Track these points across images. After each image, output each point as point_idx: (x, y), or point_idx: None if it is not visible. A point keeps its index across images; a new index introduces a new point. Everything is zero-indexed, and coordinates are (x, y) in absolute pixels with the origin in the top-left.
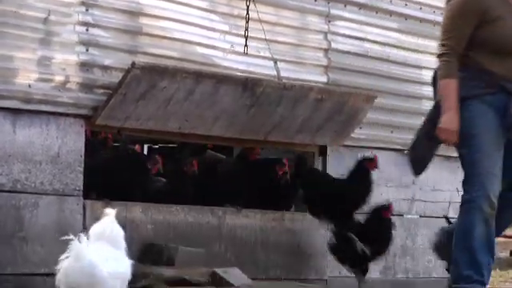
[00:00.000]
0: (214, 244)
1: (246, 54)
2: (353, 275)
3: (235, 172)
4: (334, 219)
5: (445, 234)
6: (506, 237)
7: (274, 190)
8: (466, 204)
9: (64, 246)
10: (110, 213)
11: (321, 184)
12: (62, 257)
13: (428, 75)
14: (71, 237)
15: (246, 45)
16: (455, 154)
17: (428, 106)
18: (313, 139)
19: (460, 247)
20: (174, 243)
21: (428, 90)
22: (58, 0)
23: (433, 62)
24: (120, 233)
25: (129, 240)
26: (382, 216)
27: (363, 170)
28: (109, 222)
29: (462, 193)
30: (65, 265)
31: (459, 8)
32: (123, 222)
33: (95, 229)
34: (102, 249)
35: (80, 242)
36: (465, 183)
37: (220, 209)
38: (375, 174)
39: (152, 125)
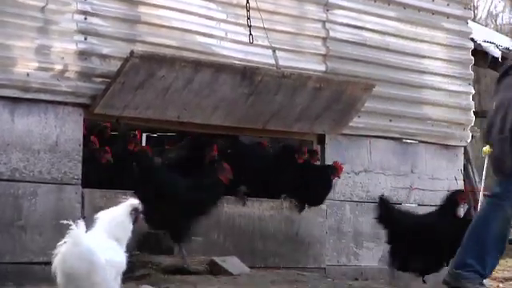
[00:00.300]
0: (212, 233)
1: (251, 43)
2: (350, 264)
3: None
4: None
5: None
6: None
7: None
8: (494, 198)
9: (63, 235)
10: (125, 203)
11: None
12: (60, 242)
13: (428, 64)
14: (70, 222)
15: (250, 33)
16: (454, 143)
17: (427, 94)
18: (311, 128)
19: (473, 236)
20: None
21: (428, 79)
22: None
23: (432, 51)
24: (127, 228)
25: None
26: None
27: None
28: (120, 214)
29: (460, 181)
30: (62, 250)
31: None
32: None
33: (104, 216)
34: (100, 237)
35: (78, 228)
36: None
37: None
38: (372, 162)
39: (150, 114)
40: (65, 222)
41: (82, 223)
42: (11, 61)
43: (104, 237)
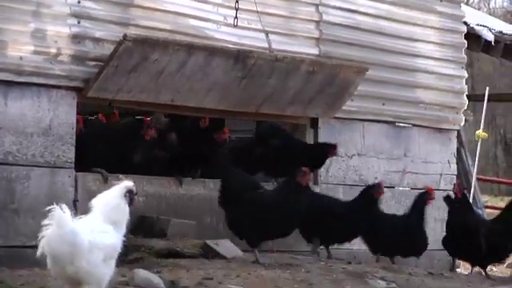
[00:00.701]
0: (205, 216)
1: (235, 26)
2: (342, 247)
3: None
4: None
5: None
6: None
7: None
8: None
9: None
10: (118, 185)
11: None
12: (44, 225)
13: (421, 47)
14: (54, 206)
15: (235, 17)
16: (447, 127)
17: (421, 78)
18: (304, 111)
19: None
20: (166, 215)
21: (421, 63)
22: None
23: (425, 34)
24: (123, 210)
25: None
26: None
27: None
28: (114, 197)
29: (453, 165)
30: (46, 233)
31: None
32: None
33: (99, 200)
34: (94, 220)
35: (62, 210)
36: None
37: (212, 181)
38: (366, 146)
39: (144, 97)
40: (50, 207)
41: (65, 206)
42: (4, 44)
43: (99, 220)
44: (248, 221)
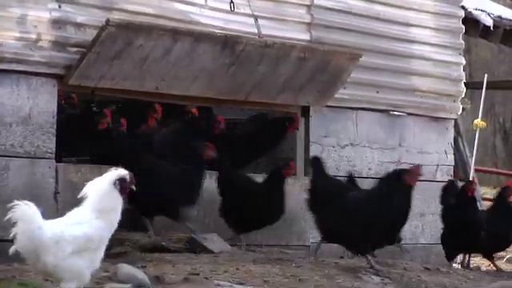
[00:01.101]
0: (191, 209)
1: (232, 10)
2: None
3: None
4: None
5: None
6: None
7: None
8: None
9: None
10: (108, 173)
11: None
12: (13, 222)
13: (416, 33)
14: (17, 202)
15: (231, 1)
16: (443, 115)
17: (416, 65)
18: (295, 99)
19: None
20: None
21: (416, 49)
22: None
23: (421, 19)
24: (113, 199)
25: None
26: None
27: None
28: (103, 185)
29: (450, 155)
30: (15, 229)
31: None
32: None
33: (89, 189)
34: (78, 211)
35: (26, 205)
36: None
37: None
38: (359, 135)
39: (128, 84)
40: (12, 204)
41: (30, 203)
42: None
43: (87, 210)
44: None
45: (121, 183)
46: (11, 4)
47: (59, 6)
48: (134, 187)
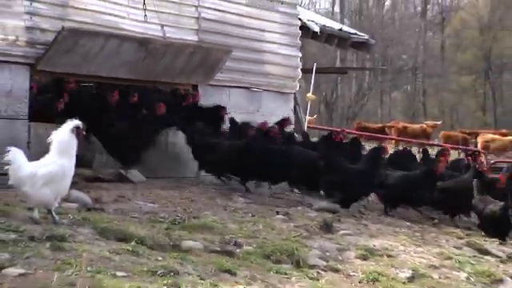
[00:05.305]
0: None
1: (145, 21)
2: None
3: None
4: None
5: None
6: None
7: None
8: None
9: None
10: (67, 123)
11: None
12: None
13: (269, 36)
14: (12, 148)
15: (145, 15)
16: (287, 91)
17: (269, 57)
18: (188, 80)
19: None
20: (92, 152)
21: (269, 47)
22: None
23: (272, 26)
24: (69, 143)
25: None
26: None
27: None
28: (64, 132)
29: (291, 117)
30: (7, 167)
31: None
32: None
33: (54, 137)
34: (48, 155)
35: (14, 152)
36: None
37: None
38: (231, 104)
39: (76, 70)
40: (9, 148)
41: (16, 148)
42: None
43: (53, 153)
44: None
45: (77, 130)
46: None
47: (31, 18)
48: (84, 133)
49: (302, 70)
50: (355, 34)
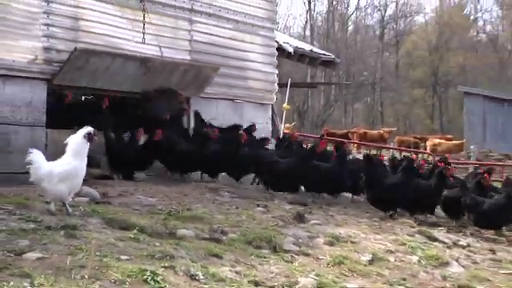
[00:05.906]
0: None
1: (143, 43)
2: None
3: None
4: None
5: None
6: None
7: None
8: None
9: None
10: (80, 130)
11: None
12: (27, 161)
13: (251, 55)
14: (31, 150)
15: (143, 38)
16: (266, 102)
17: (251, 74)
18: (182, 93)
19: None
20: (100, 155)
21: (251, 65)
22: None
23: (253, 47)
24: (84, 146)
25: None
26: None
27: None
28: (77, 137)
29: (269, 125)
30: (30, 166)
31: None
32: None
33: (70, 141)
34: (64, 156)
35: (35, 153)
36: None
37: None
38: (219, 114)
39: (86, 84)
40: (31, 150)
41: (37, 150)
42: (5, 53)
43: (68, 155)
44: None
45: (88, 136)
46: (20, 38)
47: (47, 40)
48: (96, 138)
49: (278, 84)
50: (323, 54)
